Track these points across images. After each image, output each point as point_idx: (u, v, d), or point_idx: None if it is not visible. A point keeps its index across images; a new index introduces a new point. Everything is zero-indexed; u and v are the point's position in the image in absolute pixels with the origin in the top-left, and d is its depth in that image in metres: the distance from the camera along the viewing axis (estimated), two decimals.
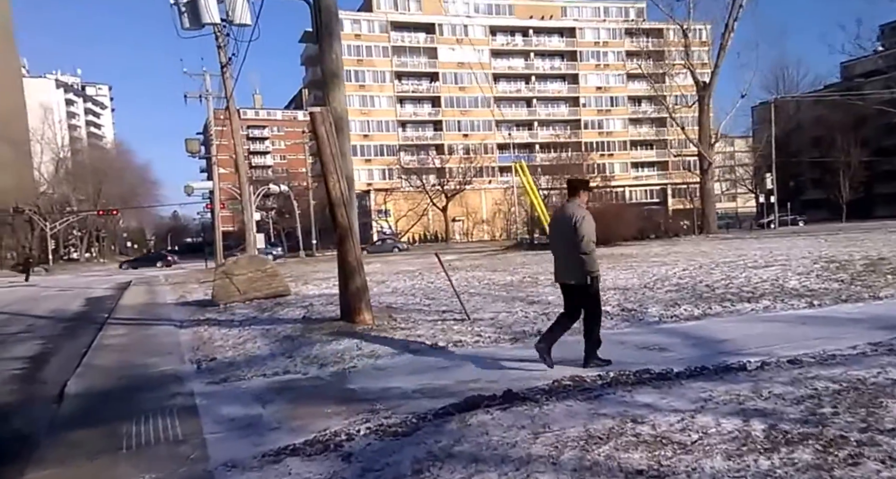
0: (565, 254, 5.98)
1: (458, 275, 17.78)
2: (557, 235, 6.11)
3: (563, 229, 5.94)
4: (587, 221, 5.79)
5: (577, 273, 5.88)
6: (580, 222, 5.76)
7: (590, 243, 5.76)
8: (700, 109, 37.76)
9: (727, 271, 12.67)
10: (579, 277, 5.88)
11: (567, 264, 5.99)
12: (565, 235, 5.91)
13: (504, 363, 6.41)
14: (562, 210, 6.23)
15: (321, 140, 8.91)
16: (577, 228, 5.75)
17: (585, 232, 5.74)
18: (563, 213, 6.10)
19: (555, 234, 6.23)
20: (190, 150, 31.76)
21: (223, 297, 14.42)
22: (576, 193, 6.18)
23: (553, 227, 6.32)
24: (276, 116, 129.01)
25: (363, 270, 9.26)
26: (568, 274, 6.02)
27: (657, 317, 8.27)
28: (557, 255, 6.14)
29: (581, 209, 5.93)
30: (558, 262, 6.14)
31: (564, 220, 5.97)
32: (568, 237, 5.86)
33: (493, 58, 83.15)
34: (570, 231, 5.82)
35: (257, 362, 7.60)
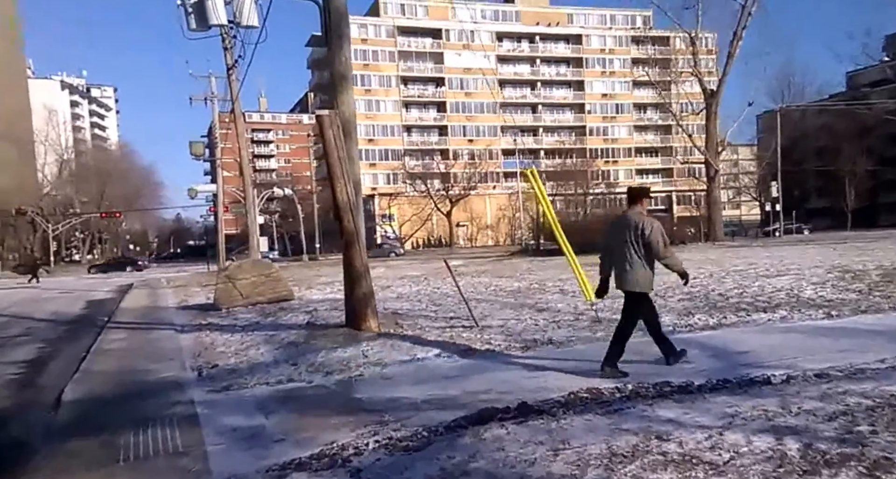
0: (631, 262, 5.91)
1: (464, 280, 17.57)
2: (620, 244, 6.03)
3: (627, 237, 5.90)
4: (656, 228, 5.79)
5: (643, 282, 5.92)
6: (650, 232, 5.77)
7: (667, 249, 5.82)
8: (707, 117, 37.61)
9: (739, 280, 12.45)
10: (644, 285, 5.94)
11: (632, 272, 5.94)
12: (630, 243, 5.88)
13: (516, 373, 6.21)
14: (624, 219, 6.15)
15: (328, 144, 8.73)
16: (649, 238, 5.75)
17: (658, 239, 5.76)
18: (627, 221, 6.03)
19: (616, 242, 6.13)
20: (194, 153, 31.66)
21: (226, 301, 14.24)
22: (637, 201, 6.13)
23: (613, 235, 6.23)
24: (281, 120, 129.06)
25: (370, 275, 9.07)
26: (631, 282, 5.98)
27: (671, 326, 8.05)
28: (620, 263, 6.05)
29: (645, 217, 5.94)
30: (619, 269, 6.07)
31: (629, 228, 5.92)
32: (633, 246, 5.85)
33: (500, 64, 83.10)
34: (637, 240, 5.82)
35: (260, 369, 7.41)
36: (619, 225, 6.18)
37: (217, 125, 36.00)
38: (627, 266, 5.93)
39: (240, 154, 22.67)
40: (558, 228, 8.98)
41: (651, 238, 5.74)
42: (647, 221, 5.86)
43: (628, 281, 5.99)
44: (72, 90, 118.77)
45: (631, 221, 5.94)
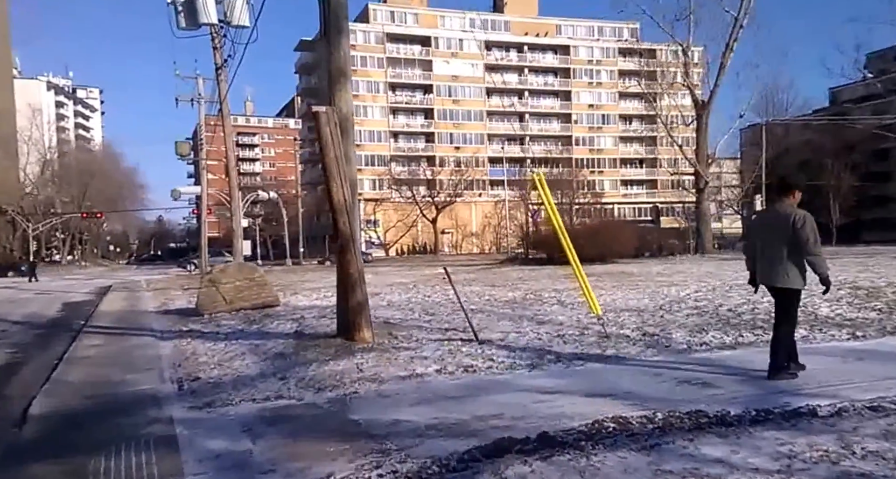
0: (781, 256, 5.55)
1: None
2: (770, 237, 5.67)
3: (779, 231, 5.55)
4: (809, 221, 5.44)
5: (794, 277, 5.54)
6: (803, 223, 5.42)
7: (817, 246, 5.43)
8: (698, 128, 37.48)
9: (746, 295, 12.00)
10: (796, 281, 5.56)
11: (782, 267, 5.56)
12: (782, 236, 5.52)
13: (526, 396, 5.67)
14: (774, 210, 5.82)
15: (325, 142, 8.17)
16: (800, 230, 5.40)
17: (810, 233, 5.39)
18: (777, 213, 5.69)
19: (765, 235, 5.77)
20: (180, 152, 30.87)
21: (208, 306, 13.59)
22: (788, 191, 5.76)
23: (762, 228, 5.90)
24: (268, 124, 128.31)
25: (364, 283, 8.51)
26: (783, 278, 5.59)
27: (685, 344, 7.57)
28: (769, 258, 5.69)
29: (797, 209, 5.57)
30: (769, 265, 5.69)
31: (779, 220, 5.57)
32: (785, 239, 5.49)
33: (488, 72, 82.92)
34: (789, 232, 5.46)
35: (246, 383, 6.81)
36: (768, 218, 5.89)
37: (203, 127, 35.28)
38: (778, 261, 5.58)
39: (226, 155, 22.00)
40: (566, 236, 8.47)
41: (803, 232, 5.39)
42: (799, 213, 5.51)
43: (779, 277, 5.61)
44: (57, 91, 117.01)
45: (781, 213, 5.60)
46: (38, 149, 75.08)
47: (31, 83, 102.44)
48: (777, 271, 5.61)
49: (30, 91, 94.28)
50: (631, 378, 6.00)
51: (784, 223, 5.51)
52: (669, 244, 34.87)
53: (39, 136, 76.07)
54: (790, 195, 5.73)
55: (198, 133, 41.22)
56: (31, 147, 74.03)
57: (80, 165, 79.53)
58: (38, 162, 74.25)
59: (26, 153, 73.40)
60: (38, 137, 75.66)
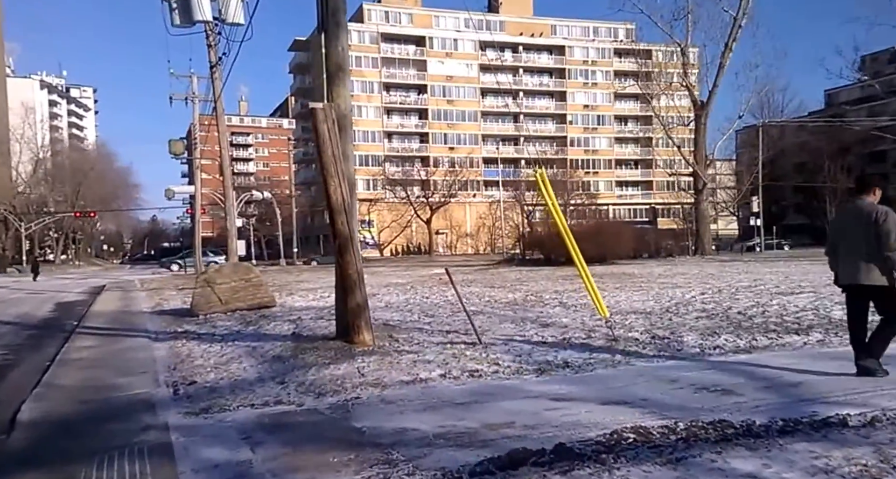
0: (866, 253, 5.45)
1: (453, 290, 16.81)
2: (853, 234, 5.59)
3: (861, 228, 5.50)
4: (892, 217, 5.35)
5: (880, 273, 5.42)
6: (885, 218, 5.36)
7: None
8: (696, 129, 37.35)
9: (754, 297, 11.84)
10: (882, 277, 5.42)
11: (867, 265, 5.45)
12: (864, 233, 5.46)
13: (537, 402, 5.45)
14: (855, 208, 5.73)
15: (322, 139, 7.94)
16: (882, 225, 5.34)
17: (892, 228, 5.31)
18: (859, 210, 5.62)
19: (848, 232, 5.69)
20: (173, 151, 30.54)
21: (203, 307, 13.33)
22: (869, 188, 5.71)
23: (843, 227, 5.82)
24: (261, 124, 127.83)
25: (364, 284, 8.27)
26: (870, 276, 5.46)
27: (697, 348, 7.35)
28: (852, 255, 5.60)
29: (879, 206, 5.53)
30: (852, 263, 5.58)
31: (861, 217, 5.52)
32: (868, 236, 5.42)
33: (482, 72, 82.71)
34: (871, 228, 5.40)
35: (244, 387, 6.56)
36: (849, 215, 5.80)
37: (197, 126, 34.96)
38: (863, 259, 5.47)
39: (220, 154, 21.71)
40: (570, 236, 8.26)
41: (884, 226, 5.32)
42: (881, 209, 5.45)
43: (865, 275, 5.49)
44: (51, 90, 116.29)
45: (864, 210, 5.55)
46: (31, 148, 74.46)
47: (23, 82, 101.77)
48: (862, 270, 5.52)
49: (22, 90, 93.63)
50: (646, 384, 5.78)
51: (867, 219, 5.48)
52: (668, 246, 34.70)
53: (32, 134, 75.43)
54: (871, 192, 5.71)
55: (192, 132, 40.90)
56: (23, 146, 73.39)
57: (74, 165, 78.93)
58: (30, 161, 73.63)
59: (18, 152, 72.75)
60: (30, 135, 75.03)
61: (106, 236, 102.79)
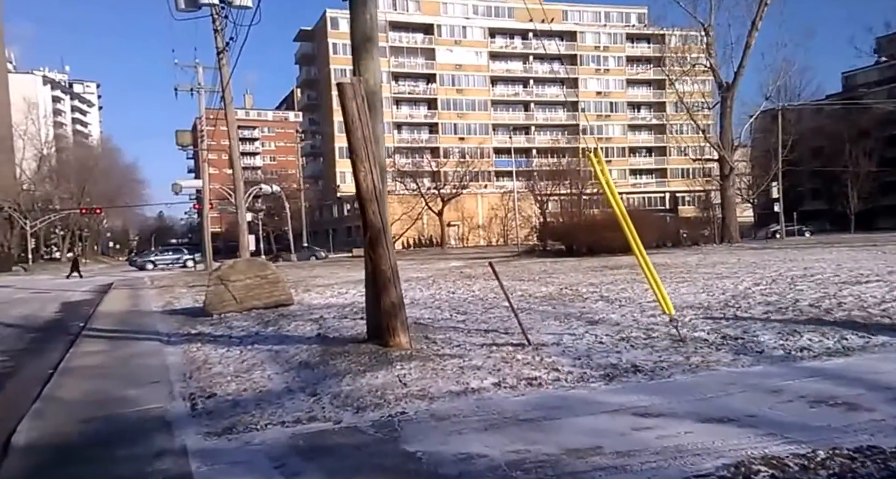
0: None
1: (479, 284, 16.05)
2: None
3: None
4: None
5: None
6: None
7: None
8: (722, 112, 36.27)
9: (817, 288, 10.96)
10: None
11: None
12: None
13: (619, 418, 4.66)
14: None
15: (351, 119, 7.14)
16: None
17: None
18: None
19: None
20: (181, 142, 29.83)
21: (217, 306, 12.60)
22: None
23: None
24: (267, 117, 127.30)
25: (399, 280, 7.48)
26: None
27: (780, 350, 6.53)
28: None
29: None
30: None
31: None
32: None
33: (492, 60, 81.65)
34: None
35: (271, 400, 5.80)
36: None
37: (203, 117, 34.24)
38: None
39: (230, 144, 20.95)
40: (628, 221, 7.43)
41: None
42: None
43: None
44: (53, 85, 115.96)
45: None
46: (35, 144, 74.08)
47: (26, 78, 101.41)
48: None
49: (25, 85, 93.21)
50: (743, 395, 4.98)
51: None
52: (692, 234, 33.67)
53: (35, 131, 75.03)
54: None
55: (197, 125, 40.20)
56: (26, 142, 73.00)
57: (78, 161, 78.56)
58: (34, 158, 73.26)
59: (22, 149, 72.39)
60: (34, 132, 74.63)
61: (112, 233, 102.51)
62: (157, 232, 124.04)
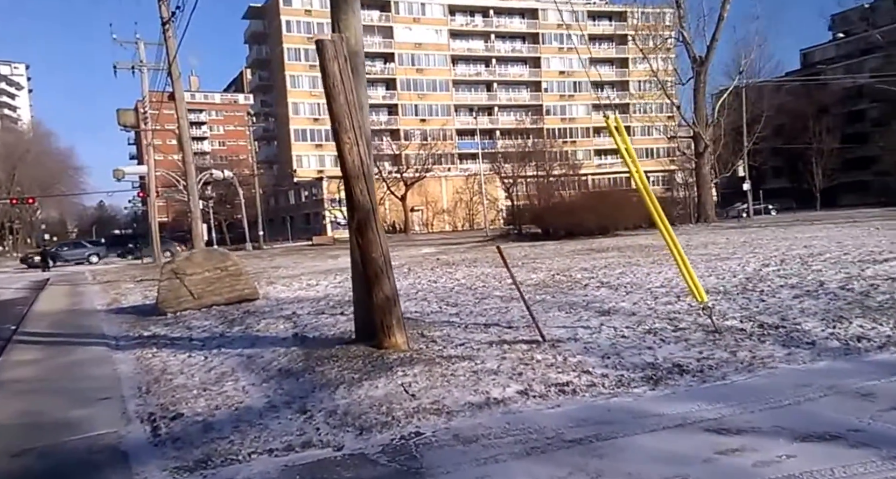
0: None
1: (461, 272, 15.25)
2: None
3: None
4: None
5: None
6: None
7: None
8: (696, 87, 36.00)
9: (837, 268, 10.40)
10: None
11: None
12: None
13: (691, 437, 3.90)
14: None
15: (333, 82, 6.22)
16: None
17: None
18: None
19: None
20: (123, 122, 28.14)
21: (172, 303, 11.55)
22: None
23: None
24: (215, 100, 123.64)
25: (392, 270, 6.61)
26: None
27: (834, 340, 5.85)
28: None
29: None
30: None
31: None
32: None
33: (452, 39, 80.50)
34: None
35: (251, 421, 4.91)
36: None
37: (148, 97, 32.55)
38: None
39: (178, 123, 19.63)
40: (653, 198, 6.70)
41: None
42: None
43: None
44: None
45: None
46: None
47: None
48: None
49: None
50: (830, 403, 4.27)
51: None
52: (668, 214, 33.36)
53: None
54: None
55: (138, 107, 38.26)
56: None
57: (6, 147, 74.75)
58: None
59: None
60: None
61: (48, 225, 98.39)
62: (97, 223, 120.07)
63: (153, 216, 32.31)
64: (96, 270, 30.65)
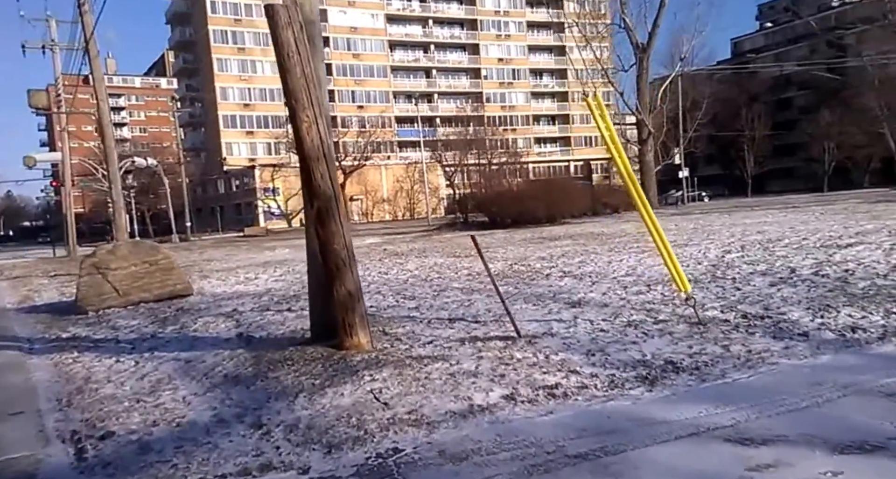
0: None
1: (413, 263, 14.75)
2: None
3: None
4: None
5: None
6: None
7: None
8: (639, 73, 36.31)
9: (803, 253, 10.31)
10: None
11: None
12: None
13: (706, 448, 3.51)
14: None
15: (288, 52, 5.58)
16: None
17: None
18: None
19: None
20: (34, 104, 26.39)
21: (94, 301, 10.66)
22: None
23: None
24: (135, 84, 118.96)
25: (356, 264, 6.04)
26: None
27: (827, 331, 5.60)
28: None
29: None
30: None
31: None
32: None
33: (389, 24, 79.40)
34: None
35: (197, 439, 4.29)
36: None
37: (61, 79, 30.72)
38: None
39: (98, 106, 18.36)
40: (635, 183, 6.34)
41: None
42: None
43: None
44: None
45: None
46: None
47: None
48: None
49: None
50: (853, 405, 3.94)
51: None
52: (611, 202, 33.58)
53: None
54: None
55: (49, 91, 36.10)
56: None
57: None
58: None
59: None
60: None
61: None
62: (5, 214, 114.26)
63: (69, 206, 30.56)
64: (3, 265, 28.73)
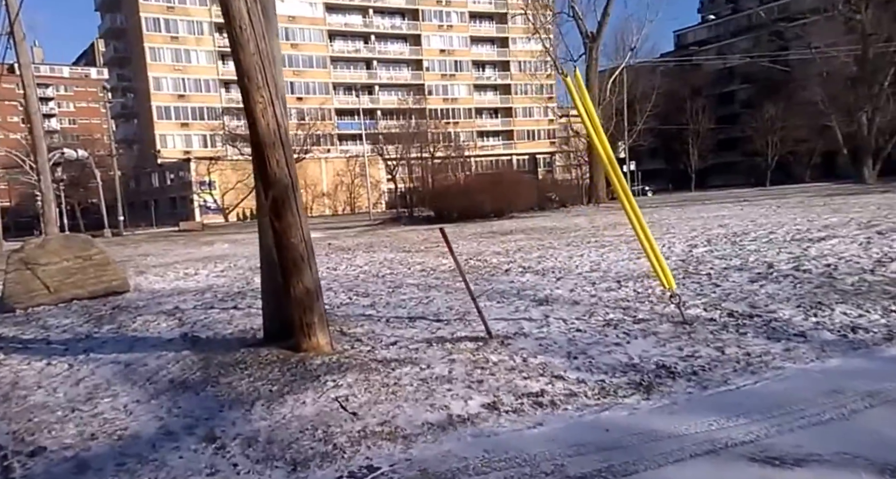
0: None
1: (361, 258, 14.25)
2: None
3: None
4: None
5: None
6: None
7: None
8: (588, 64, 36.18)
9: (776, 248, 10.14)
10: None
11: None
12: None
13: (729, 471, 3.21)
14: None
15: (241, 26, 5.10)
16: None
17: None
18: None
19: None
20: None
21: (22, 298, 9.89)
22: None
23: None
24: (63, 73, 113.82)
25: (315, 258, 5.60)
26: None
27: (824, 330, 5.38)
28: None
29: None
30: None
31: None
32: None
33: (328, 13, 77.94)
34: None
35: (142, 454, 3.80)
36: None
37: None
38: None
39: (25, 92, 17.20)
40: (618, 172, 6.05)
41: None
42: None
43: None
44: None
45: None
46: None
47: None
48: None
49: None
50: (885, 417, 3.62)
51: None
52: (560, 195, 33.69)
53: None
54: None
55: None
56: None
57: None
58: None
59: None
60: None
61: None
62: None
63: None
64: None
